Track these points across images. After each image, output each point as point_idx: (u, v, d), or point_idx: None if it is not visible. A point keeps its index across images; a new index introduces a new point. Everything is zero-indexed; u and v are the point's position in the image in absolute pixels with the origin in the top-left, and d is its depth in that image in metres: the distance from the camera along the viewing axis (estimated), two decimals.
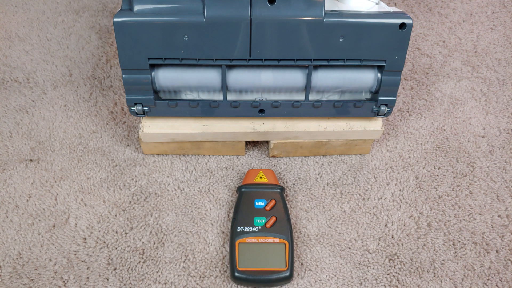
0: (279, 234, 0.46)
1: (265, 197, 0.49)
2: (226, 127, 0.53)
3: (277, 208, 0.48)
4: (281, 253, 0.45)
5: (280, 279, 0.44)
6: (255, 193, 0.50)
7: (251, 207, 0.48)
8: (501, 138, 0.60)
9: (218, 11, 0.43)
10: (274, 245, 0.45)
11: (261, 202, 0.49)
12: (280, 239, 0.46)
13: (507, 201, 0.53)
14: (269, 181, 0.51)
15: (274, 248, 0.45)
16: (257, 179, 0.51)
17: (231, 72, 0.48)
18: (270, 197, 0.49)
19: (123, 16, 0.44)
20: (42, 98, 0.63)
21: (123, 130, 0.59)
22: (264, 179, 0.51)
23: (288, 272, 0.44)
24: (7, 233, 0.48)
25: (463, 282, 0.46)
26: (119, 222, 0.49)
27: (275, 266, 0.44)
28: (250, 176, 0.52)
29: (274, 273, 0.44)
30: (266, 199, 0.49)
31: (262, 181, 0.51)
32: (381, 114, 0.52)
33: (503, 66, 0.72)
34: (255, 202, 0.49)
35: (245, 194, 0.49)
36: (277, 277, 0.43)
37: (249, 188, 0.50)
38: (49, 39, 0.73)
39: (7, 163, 0.55)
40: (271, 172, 0.52)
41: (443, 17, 0.82)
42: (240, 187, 0.50)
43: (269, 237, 0.46)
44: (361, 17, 0.45)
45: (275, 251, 0.45)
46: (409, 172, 0.56)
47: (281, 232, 0.46)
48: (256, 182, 0.51)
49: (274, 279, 0.44)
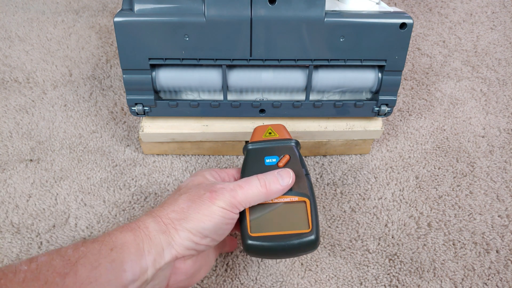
0: (298, 192, 0.38)
1: (277, 152, 0.41)
2: (226, 127, 0.53)
3: (292, 163, 0.40)
4: (302, 213, 0.37)
5: (304, 244, 0.35)
6: (265, 149, 0.41)
7: (261, 165, 0.40)
8: (501, 138, 0.60)
9: (219, 11, 0.43)
10: (292, 204, 0.37)
11: (273, 159, 0.40)
12: (299, 197, 0.37)
13: (507, 201, 0.53)
14: (280, 136, 0.43)
15: (293, 207, 0.37)
16: (266, 135, 0.43)
17: (232, 72, 0.48)
18: (283, 152, 0.41)
19: (123, 16, 0.44)
20: (42, 98, 0.63)
21: (123, 130, 0.59)
22: (274, 135, 0.43)
23: (314, 234, 0.35)
24: (6, 234, 0.48)
25: (463, 282, 0.46)
26: (119, 222, 0.49)
27: (295, 228, 0.36)
28: (258, 133, 0.44)
29: (295, 236, 0.35)
30: (279, 155, 0.40)
31: (272, 136, 0.43)
32: (382, 114, 0.52)
33: (503, 66, 0.72)
34: (265, 160, 0.40)
35: (253, 152, 0.41)
36: (299, 241, 0.35)
37: (257, 145, 0.42)
38: (49, 39, 0.73)
39: (7, 163, 0.55)
40: (281, 127, 0.44)
41: (443, 17, 0.82)
42: (247, 145, 0.43)
43: (285, 196, 0.37)
44: (361, 17, 0.45)
45: (294, 211, 0.37)
46: (409, 172, 0.56)
47: (300, 190, 0.38)
48: (266, 138, 0.43)
49: (296, 244, 0.35)
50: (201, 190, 0.36)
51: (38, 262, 0.29)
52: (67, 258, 0.30)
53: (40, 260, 0.29)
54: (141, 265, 0.31)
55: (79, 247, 0.31)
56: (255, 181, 0.36)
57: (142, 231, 0.33)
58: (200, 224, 0.33)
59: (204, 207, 0.34)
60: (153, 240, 0.33)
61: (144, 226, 0.33)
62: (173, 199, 0.36)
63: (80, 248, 0.31)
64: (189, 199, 0.35)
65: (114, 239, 0.32)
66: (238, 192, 0.35)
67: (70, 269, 0.29)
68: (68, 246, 0.31)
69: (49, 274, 0.28)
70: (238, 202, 0.35)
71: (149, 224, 0.33)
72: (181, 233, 0.33)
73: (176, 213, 0.34)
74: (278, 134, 0.43)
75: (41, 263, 0.29)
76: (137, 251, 0.32)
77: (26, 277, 0.28)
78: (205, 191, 0.35)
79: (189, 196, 0.35)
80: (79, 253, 0.30)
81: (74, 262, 0.29)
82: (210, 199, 0.34)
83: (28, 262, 0.29)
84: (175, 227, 0.33)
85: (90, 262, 0.30)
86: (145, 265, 0.32)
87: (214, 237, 0.35)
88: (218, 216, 0.34)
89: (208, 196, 0.34)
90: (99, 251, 0.31)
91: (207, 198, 0.34)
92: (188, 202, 0.35)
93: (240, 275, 0.45)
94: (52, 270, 0.29)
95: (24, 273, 0.28)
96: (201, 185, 0.37)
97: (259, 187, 0.36)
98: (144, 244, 0.32)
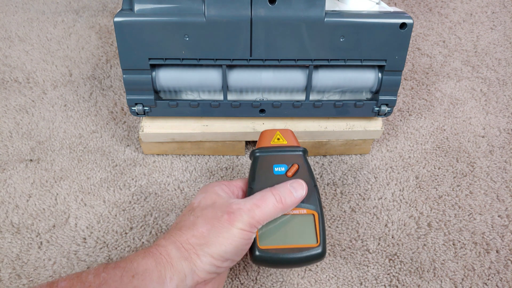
0: (306, 204, 0.38)
1: (285, 161, 0.40)
2: (226, 127, 0.53)
3: (301, 173, 0.40)
4: (310, 226, 0.37)
5: (311, 257, 0.36)
6: (273, 157, 0.41)
7: (270, 174, 0.39)
8: (501, 138, 0.60)
9: (219, 11, 0.43)
10: (301, 217, 0.37)
11: (281, 168, 0.40)
12: (308, 209, 0.38)
13: (507, 201, 0.53)
14: (288, 143, 0.42)
15: (301, 220, 0.37)
16: (274, 141, 0.43)
17: (232, 72, 0.48)
18: (291, 161, 0.40)
19: (123, 16, 0.44)
20: (42, 98, 0.63)
21: (123, 130, 0.59)
22: (283, 141, 0.43)
23: (321, 248, 0.36)
24: (6, 234, 0.48)
25: (463, 282, 0.46)
26: (119, 222, 0.49)
27: (303, 242, 0.36)
28: (266, 138, 0.43)
29: (303, 250, 0.36)
30: (287, 164, 0.40)
31: (280, 143, 0.42)
32: (382, 114, 0.52)
33: (503, 66, 0.72)
34: (274, 168, 0.40)
35: (262, 159, 0.41)
36: (307, 255, 0.36)
37: (265, 152, 0.41)
38: (49, 39, 0.73)
39: (7, 163, 0.55)
40: (290, 133, 0.44)
41: (443, 17, 0.82)
42: (254, 151, 0.42)
43: (294, 208, 0.38)
44: (361, 17, 0.45)
45: (302, 224, 0.37)
46: (409, 172, 0.56)
47: (308, 202, 0.38)
48: (274, 144, 0.42)
49: (304, 257, 0.36)
50: (218, 212, 0.35)
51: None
52: (87, 284, 0.29)
53: (60, 285, 0.29)
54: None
55: (100, 273, 0.30)
56: (270, 198, 0.36)
57: (163, 258, 0.33)
58: (222, 248, 0.33)
59: (224, 230, 0.34)
60: (176, 267, 0.32)
61: (166, 252, 0.33)
62: (191, 222, 0.35)
63: (101, 275, 0.30)
64: (208, 222, 0.35)
65: (136, 266, 0.32)
66: (256, 212, 0.35)
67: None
68: (89, 271, 0.31)
69: None
70: (256, 221, 0.35)
71: (171, 251, 0.33)
72: (203, 258, 0.33)
73: (196, 238, 0.34)
74: (286, 140, 0.43)
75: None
76: (159, 278, 0.31)
77: None
78: (222, 212, 0.35)
79: (207, 219, 0.35)
80: (100, 279, 0.30)
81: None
82: (229, 222, 0.34)
83: (49, 287, 0.29)
84: (197, 253, 0.33)
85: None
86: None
87: (235, 259, 0.35)
88: (238, 238, 0.34)
89: (227, 218, 0.34)
90: (121, 278, 0.30)
91: (226, 221, 0.34)
92: (207, 225, 0.34)
93: (240, 275, 0.45)
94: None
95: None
96: (216, 205, 0.36)
97: (276, 203, 0.35)
98: (166, 271, 0.32)
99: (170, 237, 0.35)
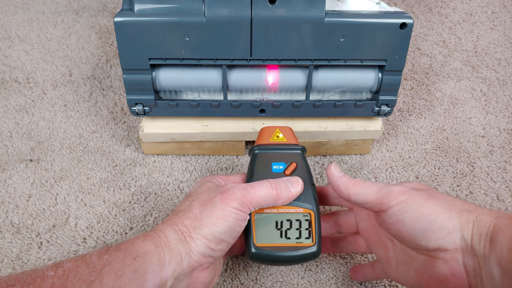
0: (303, 203, 0.38)
1: (284, 159, 0.41)
2: (226, 127, 0.53)
3: (299, 172, 0.40)
4: (306, 225, 0.38)
5: (306, 256, 0.37)
6: (272, 155, 0.41)
7: (268, 172, 0.40)
8: (501, 138, 0.60)
9: (219, 11, 0.43)
10: (298, 215, 0.38)
11: (280, 166, 0.41)
12: (305, 208, 0.38)
13: (507, 201, 0.53)
14: (287, 141, 0.43)
15: (298, 219, 0.38)
16: (274, 138, 0.43)
17: (232, 72, 0.48)
18: (290, 159, 0.41)
19: (123, 16, 0.44)
20: (42, 98, 0.63)
21: (123, 130, 0.59)
22: (282, 139, 0.43)
23: (316, 247, 0.37)
24: (6, 234, 0.48)
25: None
26: (119, 222, 0.49)
27: (299, 241, 0.37)
28: (265, 135, 0.43)
29: (298, 248, 0.37)
30: (286, 162, 0.41)
31: (280, 140, 0.43)
32: (382, 114, 0.52)
33: (503, 66, 0.72)
34: (272, 166, 0.41)
35: (260, 157, 0.41)
36: (302, 253, 0.37)
37: (264, 149, 0.42)
38: (49, 39, 0.73)
39: (7, 163, 0.55)
40: (289, 130, 0.44)
41: (443, 17, 0.82)
42: (253, 148, 0.42)
43: (291, 207, 0.38)
44: (361, 17, 0.45)
45: (298, 223, 0.38)
46: (409, 172, 0.56)
47: (305, 200, 0.39)
48: (273, 142, 0.43)
49: (299, 256, 0.37)
50: (212, 194, 0.36)
51: (64, 268, 0.29)
52: (92, 265, 0.30)
53: (66, 266, 0.29)
54: (162, 275, 0.32)
55: (103, 255, 0.31)
56: (266, 183, 0.37)
57: (162, 241, 0.33)
58: (215, 229, 0.34)
59: (217, 209, 0.34)
60: (173, 250, 0.33)
61: (164, 235, 0.34)
62: (186, 206, 0.36)
63: (104, 256, 0.31)
64: (201, 203, 0.35)
65: (136, 248, 0.32)
66: (249, 191, 0.35)
67: (95, 277, 0.29)
68: (92, 253, 0.31)
69: (75, 281, 0.28)
70: (248, 201, 0.35)
71: (168, 233, 0.34)
72: (197, 241, 0.33)
73: (191, 220, 0.34)
74: (286, 138, 0.43)
75: (67, 269, 0.29)
76: (158, 261, 0.32)
77: (53, 283, 0.28)
78: (216, 193, 0.35)
79: (201, 201, 0.36)
80: (104, 260, 0.30)
81: (99, 270, 0.29)
82: (222, 200, 0.34)
83: (55, 267, 0.29)
84: (191, 236, 0.34)
85: (115, 270, 0.30)
86: (165, 275, 0.32)
87: (229, 240, 0.35)
88: (231, 218, 0.34)
89: (220, 197, 0.35)
90: (123, 259, 0.31)
91: (219, 200, 0.35)
92: (201, 207, 0.35)
93: (240, 275, 0.45)
94: (78, 277, 0.29)
95: (51, 278, 0.28)
96: (211, 189, 0.37)
97: (270, 189, 0.36)
98: (165, 254, 0.32)
99: (167, 221, 0.35)
